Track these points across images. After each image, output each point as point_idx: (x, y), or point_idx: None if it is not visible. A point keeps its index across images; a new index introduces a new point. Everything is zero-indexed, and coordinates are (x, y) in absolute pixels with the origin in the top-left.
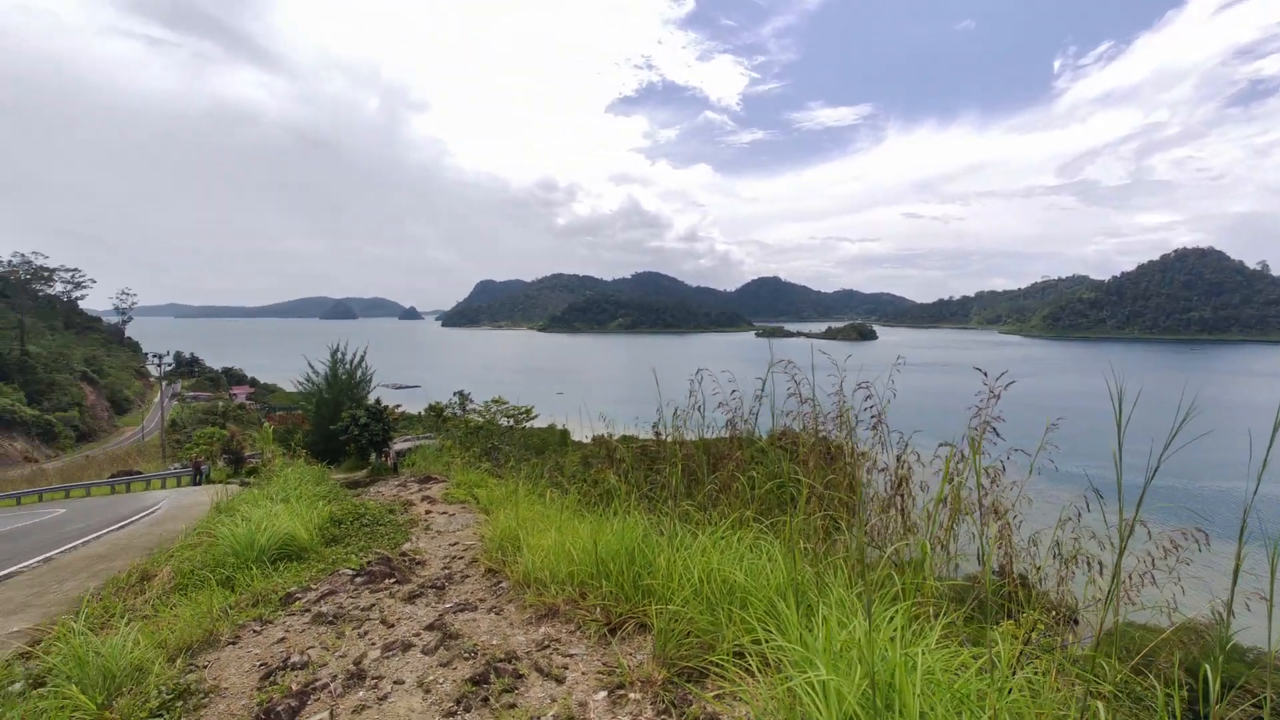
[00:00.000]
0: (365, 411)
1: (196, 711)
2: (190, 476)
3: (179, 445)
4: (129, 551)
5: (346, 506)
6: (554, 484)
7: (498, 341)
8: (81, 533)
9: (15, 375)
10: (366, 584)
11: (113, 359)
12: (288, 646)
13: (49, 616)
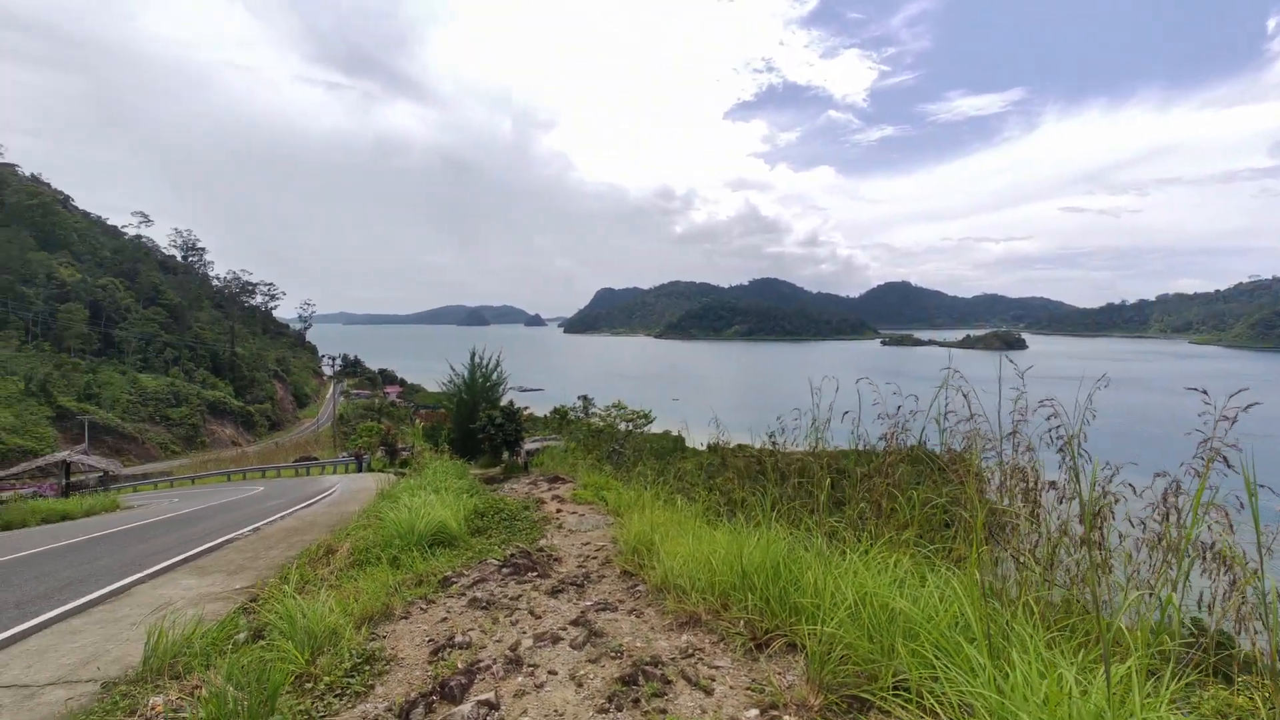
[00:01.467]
0: (500, 412)
1: (380, 676)
2: (353, 464)
3: (345, 436)
4: (314, 527)
5: (488, 501)
6: (681, 490)
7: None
8: (278, 509)
9: (226, 373)
10: (512, 575)
11: (297, 360)
12: (450, 626)
13: (261, 578)
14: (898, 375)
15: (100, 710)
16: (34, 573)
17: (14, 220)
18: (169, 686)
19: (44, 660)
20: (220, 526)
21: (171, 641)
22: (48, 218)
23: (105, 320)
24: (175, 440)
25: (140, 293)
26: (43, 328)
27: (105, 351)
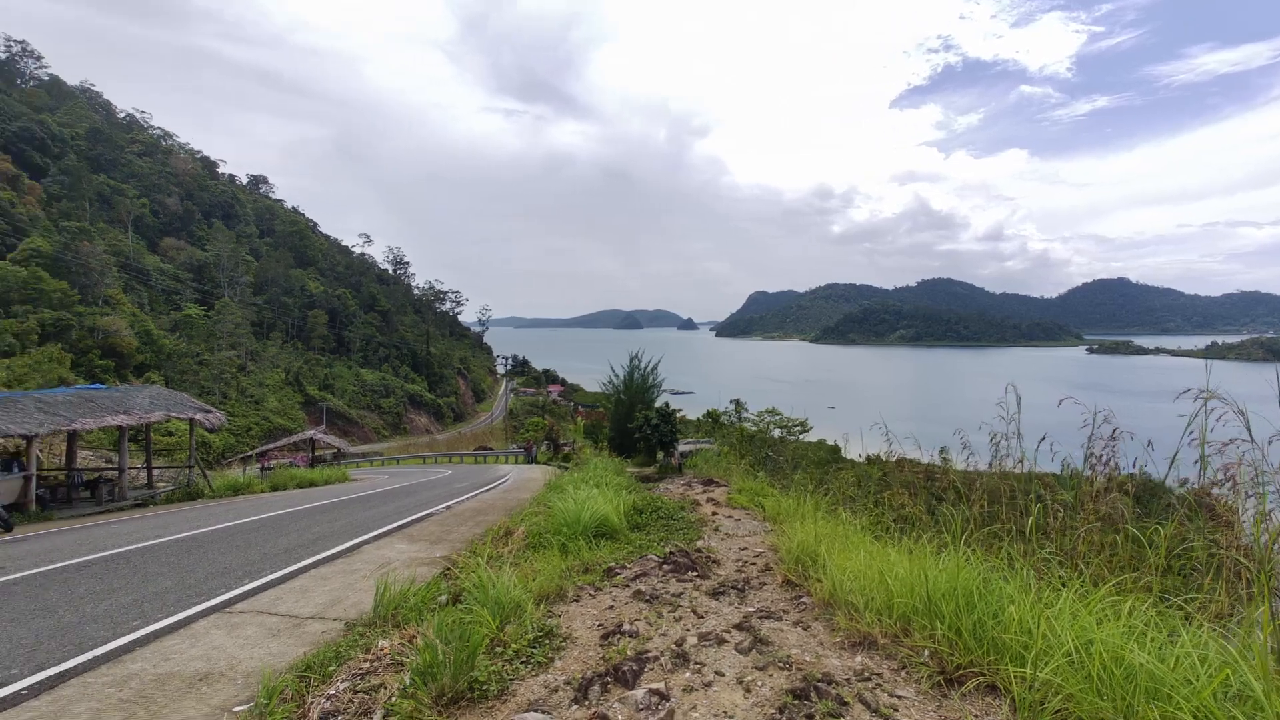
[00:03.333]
0: (656, 414)
1: (559, 651)
2: (523, 455)
3: (515, 430)
4: (494, 510)
5: (645, 499)
6: (843, 502)
7: (768, 352)
8: (463, 491)
9: (422, 369)
10: (672, 572)
11: (476, 359)
12: (618, 615)
13: (455, 549)
14: (1105, 389)
15: (345, 644)
16: (295, 527)
17: (280, 244)
18: (392, 633)
19: (306, 598)
20: (421, 502)
21: (393, 595)
22: (302, 241)
23: (338, 323)
24: (385, 426)
25: (362, 301)
26: (297, 330)
27: (338, 350)
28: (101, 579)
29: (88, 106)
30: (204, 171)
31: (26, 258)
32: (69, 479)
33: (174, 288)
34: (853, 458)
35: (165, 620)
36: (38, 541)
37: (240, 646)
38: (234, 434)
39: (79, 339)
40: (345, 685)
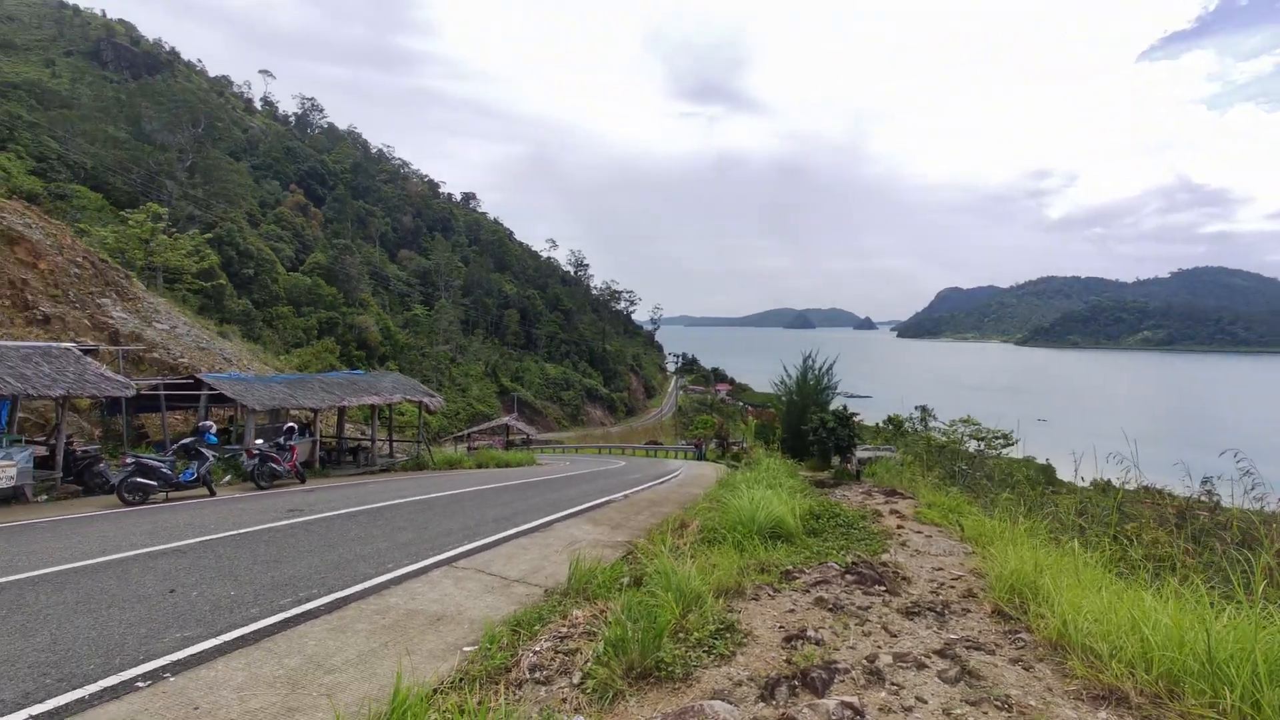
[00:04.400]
0: (833, 416)
1: (740, 647)
2: (692, 452)
3: (684, 426)
4: (668, 502)
5: (821, 503)
6: (1072, 531)
7: (960, 355)
8: (638, 482)
9: (599, 365)
10: (856, 584)
11: (647, 356)
12: (799, 620)
13: (634, 536)
14: None
15: (546, 609)
16: (498, 501)
17: (484, 251)
18: (584, 604)
19: (511, 563)
20: (600, 489)
21: (583, 571)
22: (501, 248)
23: (528, 322)
24: (565, 417)
25: (547, 301)
26: (494, 327)
27: (527, 345)
28: (364, 527)
29: (352, 145)
30: (429, 192)
31: (310, 269)
32: (338, 445)
33: (406, 291)
34: (1070, 480)
35: (410, 566)
36: (321, 493)
37: (465, 596)
38: (446, 417)
39: (342, 333)
40: (548, 645)
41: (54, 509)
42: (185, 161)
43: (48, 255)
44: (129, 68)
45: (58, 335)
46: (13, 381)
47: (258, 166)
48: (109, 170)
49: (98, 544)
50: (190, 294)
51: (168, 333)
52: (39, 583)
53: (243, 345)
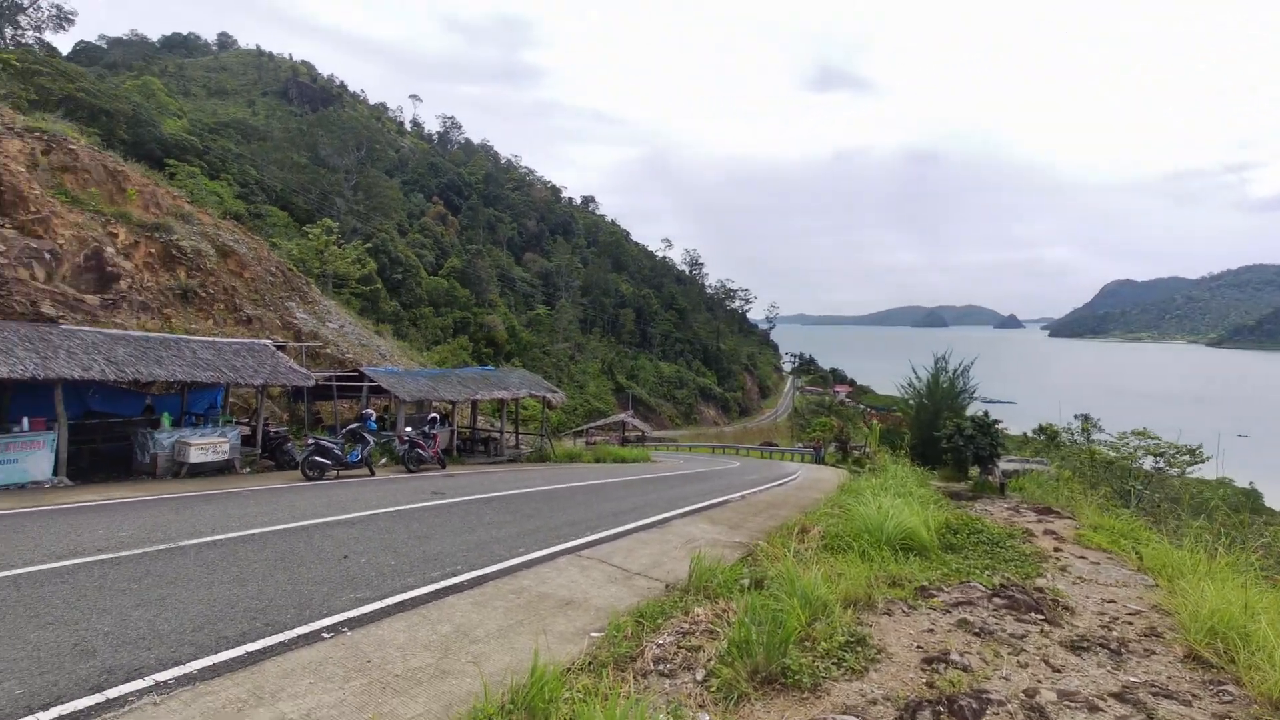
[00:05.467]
0: (971, 423)
1: (873, 663)
2: (810, 455)
3: (801, 428)
4: (786, 505)
5: (960, 517)
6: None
7: (1134, 356)
8: (755, 483)
9: (712, 363)
10: (1007, 608)
11: (762, 356)
12: (940, 641)
13: (753, 538)
14: None
15: (669, 603)
16: (616, 495)
17: (602, 253)
18: (704, 602)
19: (631, 557)
20: (717, 488)
21: (703, 569)
22: (618, 248)
23: (643, 321)
24: (678, 415)
25: (662, 300)
26: (610, 326)
27: (642, 344)
28: (498, 512)
29: (484, 157)
30: (551, 197)
31: (448, 273)
32: (472, 435)
33: (529, 292)
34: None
35: (539, 552)
36: (459, 479)
37: (590, 585)
38: (565, 412)
39: (474, 332)
40: (670, 639)
41: (254, 480)
42: (350, 181)
43: (250, 266)
44: (308, 102)
45: (257, 333)
46: (228, 372)
47: (406, 182)
48: (293, 191)
49: (288, 512)
50: (353, 297)
51: (337, 331)
52: (247, 541)
53: (394, 343)
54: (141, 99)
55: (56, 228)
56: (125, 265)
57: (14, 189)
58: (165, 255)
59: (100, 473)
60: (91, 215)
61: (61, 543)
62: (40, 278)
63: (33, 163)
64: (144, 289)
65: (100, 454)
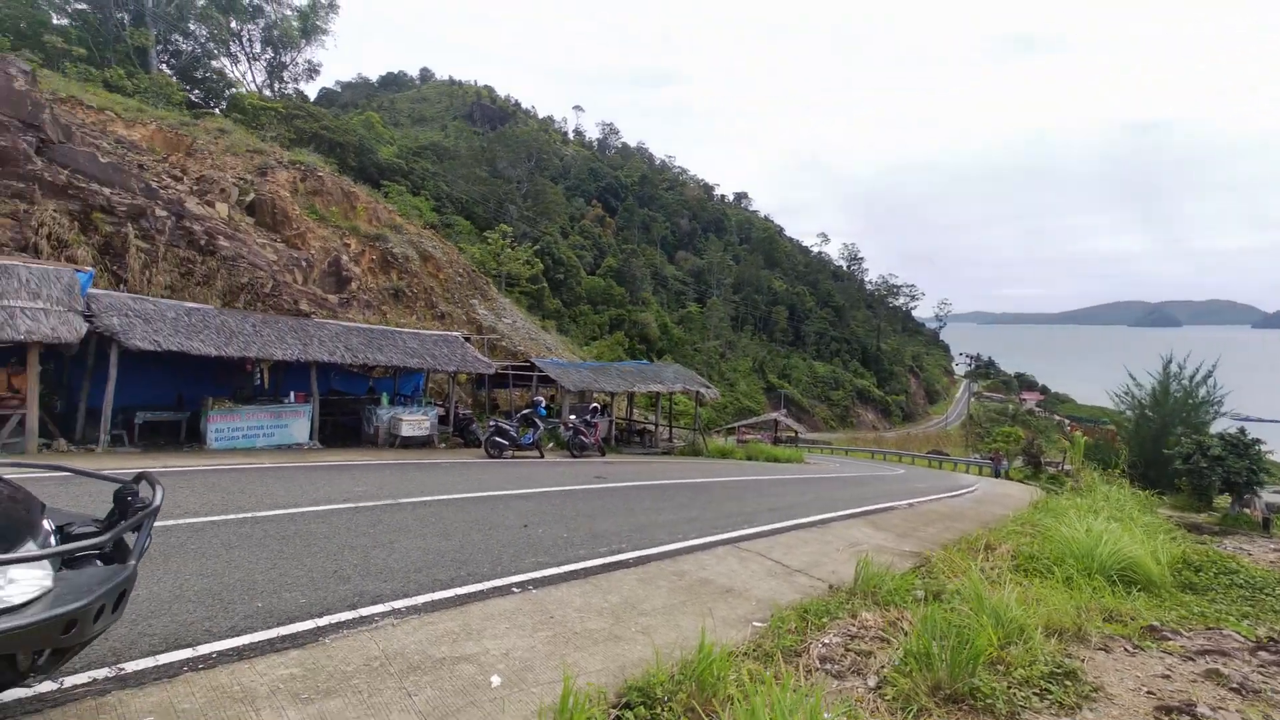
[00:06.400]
0: (1218, 442)
1: (1087, 700)
2: (988, 467)
3: (978, 438)
4: (963, 518)
5: (1201, 553)
6: None
7: None
8: (923, 491)
9: (872, 365)
10: (1277, 664)
11: (929, 357)
12: (1179, 690)
13: (925, 548)
14: None
15: (833, 604)
16: (773, 493)
17: (754, 249)
18: (873, 608)
19: (790, 553)
20: (879, 494)
21: (871, 574)
22: (770, 245)
23: (796, 319)
24: (833, 417)
25: (818, 297)
26: (762, 324)
27: (795, 343)
28: (656, 499)
29: (640, 160)
30: (704, 195)
31: (604, 273)
32: (628, 426)
33: (681, 290)
34: None
35: (697, 540)
36: (618, 466)
37: (750, 576)
38: (714, 409)
39: (627, 329)
40: (837, 640)
41: (448, 454)
42: (522, 189)
43: (444, 268)
44: (489, 121)
45: (448, 327)
46: (429, 359)
47: (569, 187)
48: (474, 202)
49: (476, 483)
50: (521, 295)
51: (511, 326)
52: (449, 504)
53: (557, 337)
54: (364, 131)
55: (309, 240)
56: (355, 270)
57: (283, 211)
58: (383, 261)
59: (339, 440)
60: (332, 229)
61: (320, 491)
62: (299, 281)
63: (294, 189)
64: (368, 289)
65: (338, 425)
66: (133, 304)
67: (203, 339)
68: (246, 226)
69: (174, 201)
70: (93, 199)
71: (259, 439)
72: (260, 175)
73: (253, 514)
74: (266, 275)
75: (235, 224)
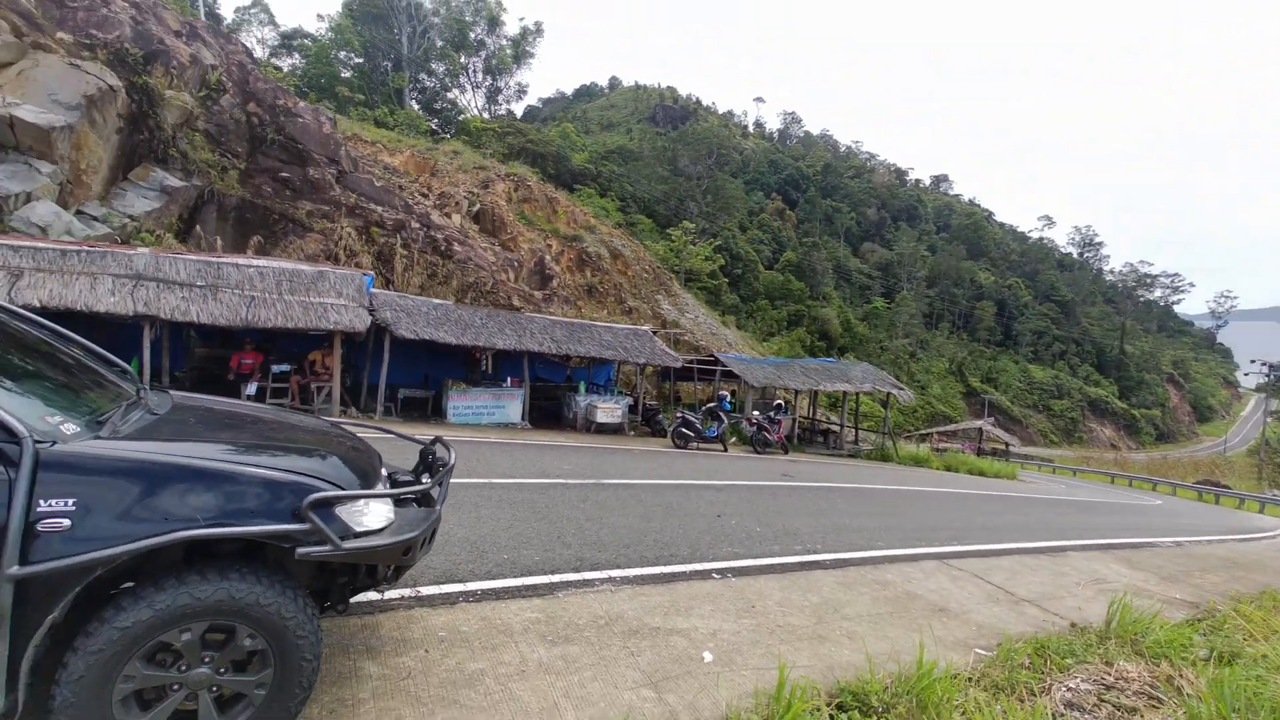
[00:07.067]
0: None
1: None
2: None
3: (1278, 469)
4: (1262, 569)
5: None
6: None
7: None
8: (1196, 529)
9: (1110, 371)
10: None
11: (1199, 364)
12: None
13: (1204, 597)
14: None
15: (1079, 645)
16: (986, 509)
17: (955, 238)
18: (1134, 659)
19: (1015, 580)
20: (1127, 526)
21: (1132, 620)
22: (975, 232)
23: (1007, 315)
24: (1054, 430)
25: (1037, 290)
26: (963, 321)
27: (1004, 343)
28: (849, 502)
29: (824, 148)
30: (895, 181)
31: (783, 267)
32: (811, 426)
33: (866, 284)
34: None
35: (899, 550)
36: (802, 465)
37: (966, 598)
38: (902, 413)
39: (807, 325)
40: (1087, 686)
41: (637, 442)
42: (702, 186)
43: (632, 265)
44: (670, 121)
45: (635, 321)
46: (621, 351)
47: (747, 181)
48: (656, 201)
49: (667, 470)
50: (699, 290)
51: (693, 321)
52: (645, 488)
53: (736, 333)
54: (560, 140)
55: (520, 243)
56: (556, 268)
57: (499, 218)
58: (579, 259)
59: (543, 422)
60: (537, 232)
61: (535, 466)
62: (511, 279)
63: (509, 198)
64: (566, 286)
65: (541, 409)
66: (398, 300)
67: (445, 330)
68: (473, 233)
69: (423, 215)
70: (371, 216)
71: (484, 417)
72: (483, 188)
73: (488, 480)
74: (488, 275)
75: (465, 231)
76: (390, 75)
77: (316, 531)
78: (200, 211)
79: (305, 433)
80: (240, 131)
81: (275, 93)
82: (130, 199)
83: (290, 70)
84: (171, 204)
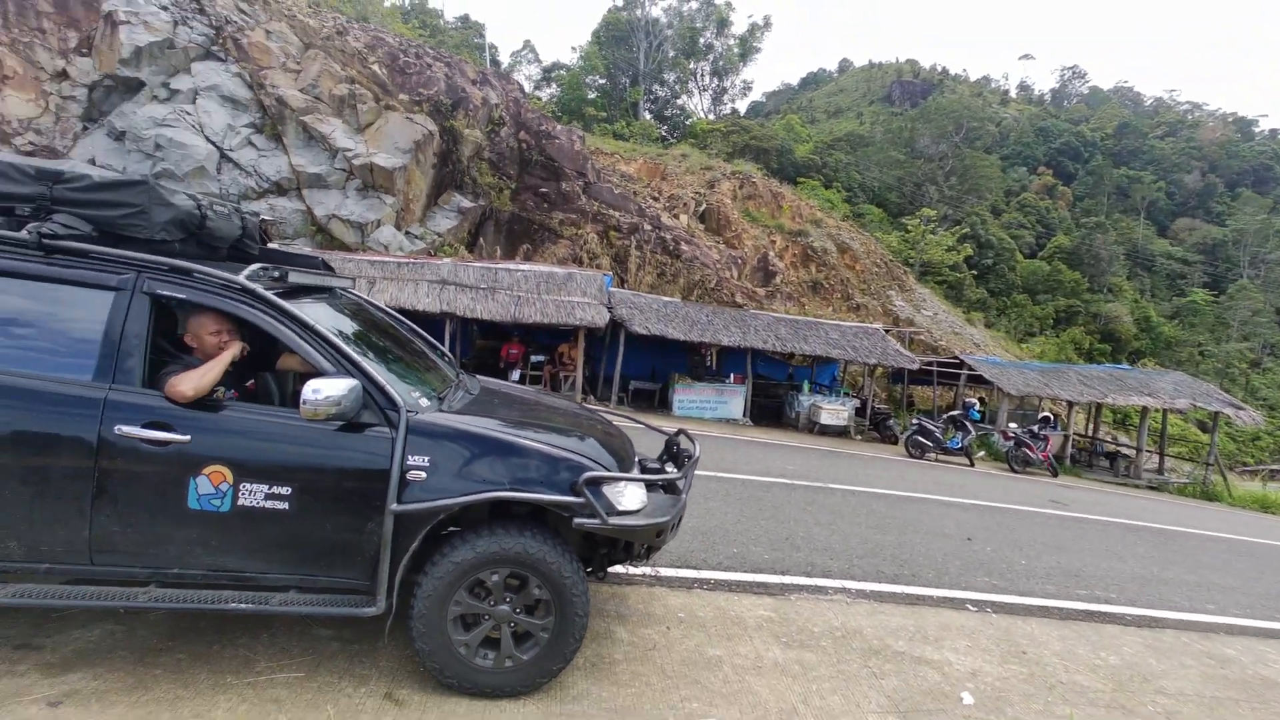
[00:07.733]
0: None
1: None
2: None
3: None
4: None
5: None
6: None
7: None
8: None
9: None
10: None
11: None
12: None
13: None
14: None
15: None
16: None
17: None
18: None
19: None
20: None
21: None
22: None
23: None
24: None
25: None
26: None
27: None
28: (1150, 547)
29: (1118, 105)
30: (1234, 135)
31: (1051, 254)
32: (1092, 446)
33: (1179, 271)
34: None
35: (1242, 620)
36: (1078, 492)
37: None
38: (1235, 440)
39: (1083, 324)
40: None
41: (864, 447)
42: (945, 167)
43: (860, 259)
44: (909, 99)
45: (864, 319)
46: (849, 351)
47: (1005, 156)
48: (887, 189)
49: (900, 481)
50: (936, 284)
51: (930, 319)
52: (876, 498)
53: (985, 332)
54: (784, 133)
55: (744, 240)
56: (779, 265)
57: (725, 216)
58: (803, 255)
59: (763, 419)
60: (761, 228)
61: (759, 464)
62: (735, 276)
63: (734, 196)
64: (789, 282)
65: (763, 407)
66: (632, 298)
67: (674, 326)
68: (699, 232)
69: (654, 217)
70: (609, 221)
71: (706, 411)
72: (709, 188)
73: (714, 474)
74: (712, 273)
75: (691, 231)
76: (628, 90)
77: (589, 506)
78: (482, 226)
79: (574, 418)
80: (513, 156)
81: (539, 120)
82: (438, 220)
83: (549, 99)
84: (464, 222)
